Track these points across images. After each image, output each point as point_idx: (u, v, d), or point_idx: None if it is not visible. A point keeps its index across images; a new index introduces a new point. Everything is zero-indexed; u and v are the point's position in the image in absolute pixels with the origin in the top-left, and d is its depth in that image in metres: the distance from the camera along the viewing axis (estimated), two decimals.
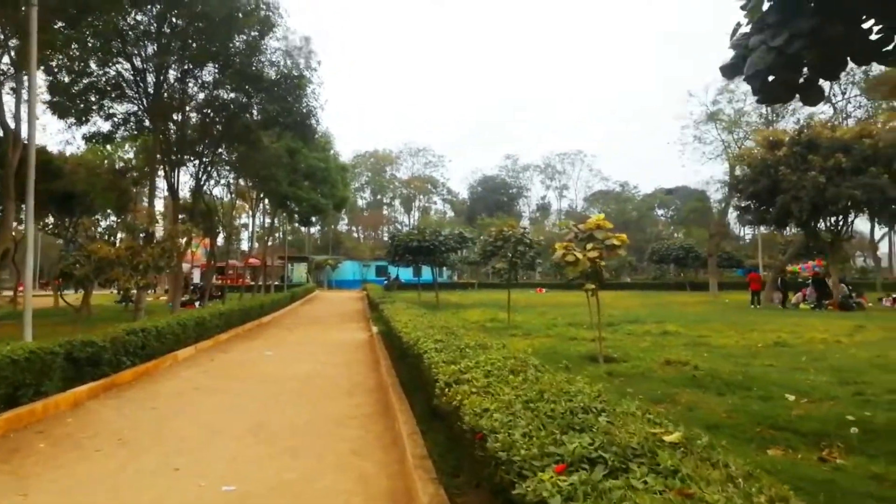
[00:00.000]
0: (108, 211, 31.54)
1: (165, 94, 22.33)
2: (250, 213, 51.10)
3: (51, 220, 31.07)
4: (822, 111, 32.15)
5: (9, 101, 18.33)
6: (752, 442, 5.12)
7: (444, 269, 48.10)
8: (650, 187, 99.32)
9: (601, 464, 2.36)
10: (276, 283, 50.41)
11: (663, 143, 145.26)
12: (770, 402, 6.51)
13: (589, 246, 8.96)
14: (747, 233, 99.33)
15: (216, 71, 22.10)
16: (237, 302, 24.13)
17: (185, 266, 50.14)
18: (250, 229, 60.24)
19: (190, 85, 22.98)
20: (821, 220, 26.23)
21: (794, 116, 34.92)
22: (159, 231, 19.87)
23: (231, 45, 20.09)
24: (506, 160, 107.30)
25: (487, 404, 3.29)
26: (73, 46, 19.01)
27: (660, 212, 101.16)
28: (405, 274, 54.16)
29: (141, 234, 16.29)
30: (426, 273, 44.28)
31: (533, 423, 2.85)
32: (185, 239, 17.47)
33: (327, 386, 9.10)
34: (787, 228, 30.04)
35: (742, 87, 44.72)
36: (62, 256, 17.65)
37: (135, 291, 15.28)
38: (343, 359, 12.24)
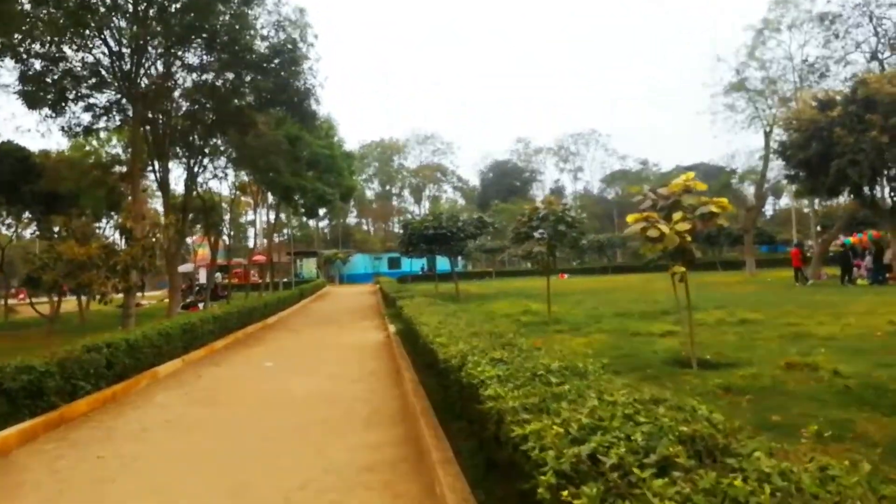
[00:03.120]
0: (107, 211, 29.59)
1: (147, 80, 20.28)
2: (256, 209, 49.26)
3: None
4: (870, 69, 29.51)
5: None
6: None
7: (459, 258, 45.95)
8: (672, 164, 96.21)
9: None
10: (286, 279, 48.59)
11: (687, 116, 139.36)
12: None
13: (676, 216, 6.72)
14: (767, 208, 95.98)
15: (202, 50, 19.97)
16: (241, 302, 22.18)
17: (188, 267, 48.55)
18: (256, 225, 58.54)
19: (175, 69, 20.87)
20: (877, 186, 23.86)
21: (840, 76, 32.44)
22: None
23: (215, 19, 17.87)
24: (517, 143, 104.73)
25: None
26: (39, 27, 16.92)
27: None
28: (418, 265, 52.12)
29: (118, 232, 14.21)
30: (440, 264, 42.21)
31: None
32: (168, 235, 15.34)
33: (337, 413, 6.97)
34: (840, 197, 27.59)
35: (770, 53, 42.13)
36: (28, 259, 15.61)
37: (114, 296, 13.23)
38: (357, 369, 10.11)
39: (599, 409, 2.65)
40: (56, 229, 16.38)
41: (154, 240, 13.98)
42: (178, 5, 17.63)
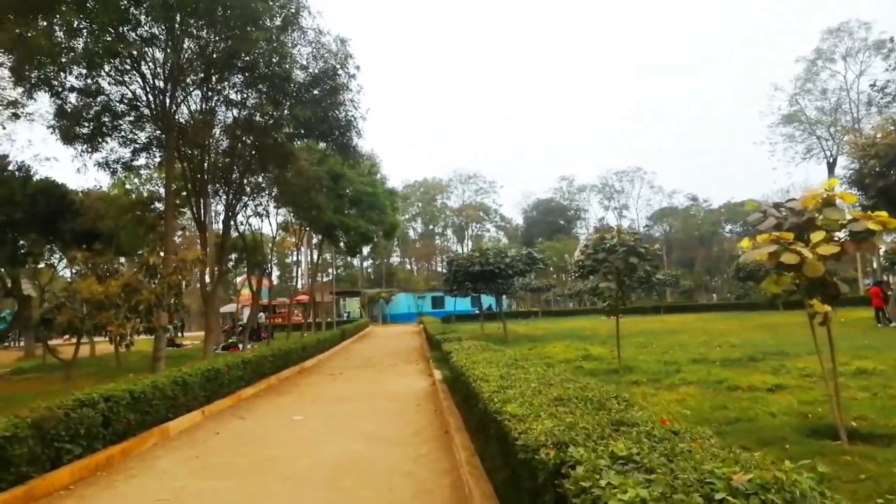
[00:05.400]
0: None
1: (186, 114, 19.69)
2: (298, 247, 48.74)
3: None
4: None
5: None
6: None
7: (504, 297, 44.29)
8: (723, 200, 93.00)
9: None
10: (329, 320, 47.57)
11: (739, 153, 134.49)
12: None
13: (816, 236, 5.07)
14: None
15: (242, 84, 19.25)
16: (280, 343, 20.98)
17: (231, 307, 48.05)
18: (302, 265, 58.07)
19: (214, 104, 20.19)
20: None
21: None
22: None
23: (253, 46, 17.04)
24: (560, 182, 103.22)
25: None
26: (73, 57, 16.33)
27: (728, 227, 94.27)
28: (462, 304, 50.24)
29: (142, 269, 13.12)
30: (485, 303, 40.48)
31: None
32: (195, 272, 14.22)
33: (372, 495, 5.43)
34: None
35: (825, 83, 39.94)
36: (44, 300, 14.68)
37: (132, 337, 12.09)
38: (398, 427, 8.56)
39: None
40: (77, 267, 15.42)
41: (180, 277, 12.82)
42: (214, 33, 16.92)
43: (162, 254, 15.46)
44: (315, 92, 19.19)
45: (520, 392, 4.89)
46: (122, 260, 25.69)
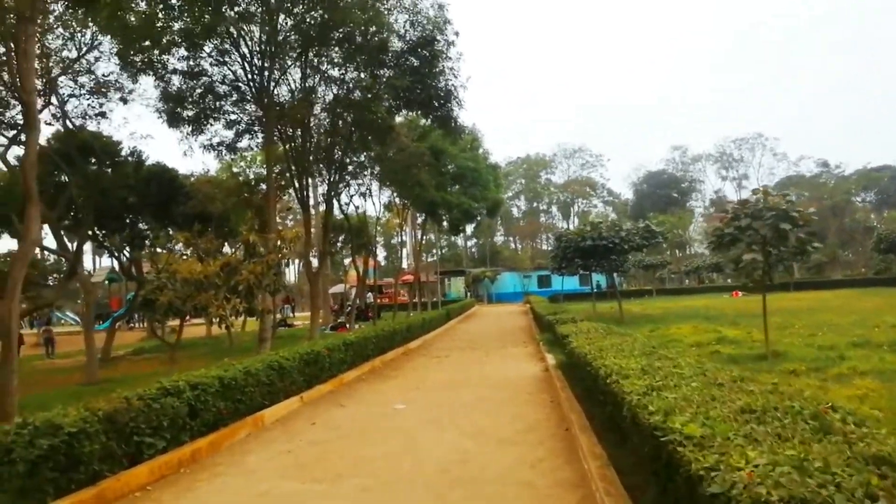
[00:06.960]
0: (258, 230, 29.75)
1: (286, 93, 19.48)
2: (402, 228, 48.68)
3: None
4: None
5: None
6: None
7: (615, 274, 42.07)
8: (858, 165, 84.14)
9: None
10: (434, 299, 47.34)
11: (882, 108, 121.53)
12: None
13: None
14: None
15: (338, 55, 18.69)
16: (386, 323, 20.58)
17: (340, 287, 48.87)
18: (407, 245, 58.29)
19: (314, 83, 19.80)
20: None
21: None
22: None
23: (347, 16, 16.34)
24: (673, 152, 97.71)
25: None
26: (172, 39, 16.34)
27: (861, 195, 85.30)
28: (569, 283, 48.11)
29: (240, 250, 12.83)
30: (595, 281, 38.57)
31: None
32: (294, 249, 13.76)
33: None
34: None
35: None
36: (146, 281, 14.73)
37: (233, 318, 11.78)
38: (508, 421, 7.50)
39: None
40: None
41: (280, 256, 12.38)
42: (309, 6, 16.42)
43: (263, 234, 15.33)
44: (413, 60, 18.39)
45: (682, 396, 3.64)
46: (239, 246, 26.30)
